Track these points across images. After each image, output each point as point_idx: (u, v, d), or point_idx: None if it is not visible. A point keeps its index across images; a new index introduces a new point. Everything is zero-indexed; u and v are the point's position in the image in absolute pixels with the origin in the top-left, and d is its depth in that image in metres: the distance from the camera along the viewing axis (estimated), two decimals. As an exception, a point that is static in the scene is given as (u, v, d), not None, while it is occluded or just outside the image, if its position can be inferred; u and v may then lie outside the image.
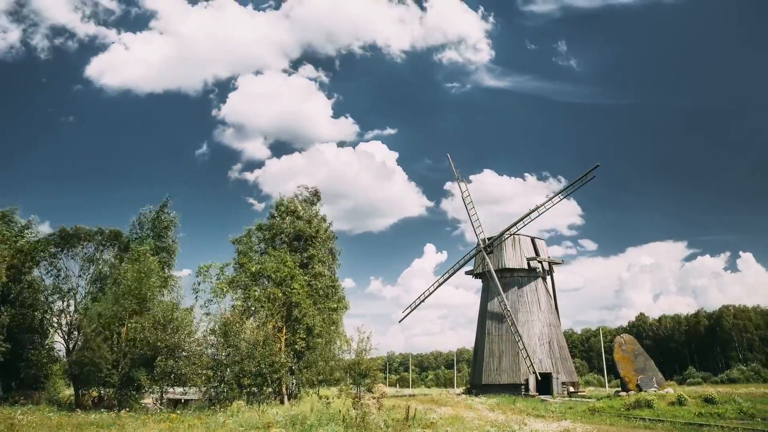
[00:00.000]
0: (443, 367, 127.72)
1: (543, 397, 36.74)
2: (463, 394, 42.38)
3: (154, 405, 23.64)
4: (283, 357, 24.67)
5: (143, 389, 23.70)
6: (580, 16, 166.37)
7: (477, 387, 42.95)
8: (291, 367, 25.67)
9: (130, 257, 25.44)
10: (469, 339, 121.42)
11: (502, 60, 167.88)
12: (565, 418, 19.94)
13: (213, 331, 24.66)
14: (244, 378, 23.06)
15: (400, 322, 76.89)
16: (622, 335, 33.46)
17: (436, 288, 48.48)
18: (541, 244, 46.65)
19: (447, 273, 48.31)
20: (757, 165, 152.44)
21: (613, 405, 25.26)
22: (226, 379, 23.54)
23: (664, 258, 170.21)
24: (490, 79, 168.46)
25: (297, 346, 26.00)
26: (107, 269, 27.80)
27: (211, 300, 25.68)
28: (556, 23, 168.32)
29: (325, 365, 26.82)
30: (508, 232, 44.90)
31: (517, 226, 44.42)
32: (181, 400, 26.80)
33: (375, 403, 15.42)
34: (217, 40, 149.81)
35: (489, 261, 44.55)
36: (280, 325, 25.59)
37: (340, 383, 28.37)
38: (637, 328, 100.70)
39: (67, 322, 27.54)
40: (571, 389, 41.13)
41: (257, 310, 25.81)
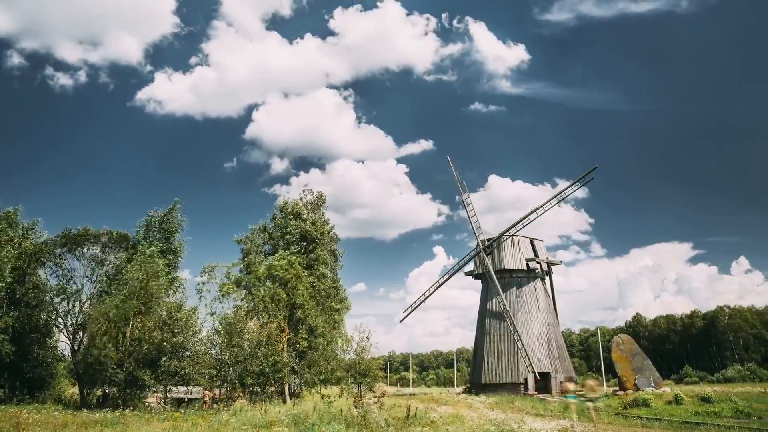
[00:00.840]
0: (443, 367, 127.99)
1: (542, 396, 37.00)
2: (463, 393, 42.68)
3: (158, 404, 23.84)
4: (285, 357, 24.92)
5: (147, 388, 23.89)
6: (595, 25, 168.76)
7: (477, 386, 43.23)
8: (293, 366, 25.93)
9: (137, 258, 25.71)
10: (469, 339, 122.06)
11: (520, 68, 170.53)
12: (564, 417, 20.11)
13: (217, 331, 24.89)
14: (247, 377, 23.33)
15: (400, 322, 77.32)
16: (619, 335, 33.73)
17: (436, 288, 48.83)
18: (539, 245, 46.92)
19: (447, 274, 48.71)
20: (764, 167, 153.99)
21: (611, 404, 25.52)
22: (230, 378, 23.80)
23: (668, 259, 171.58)
24: (509, 86, 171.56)
25: (299, 346, 26.27)
26: (113, 270, 28.01)
27: (216, 300, 25.96)
28: (571, 32, 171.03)
29: (327, 365, 27.08)
30: (507, 234, 45.20)
31: (516, 228, 44.72)
32: (185, 399, 27.00)
33: (376, 402, 15.66)
34: (258, 70, 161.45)
35: (488, 262, 44.83)
36: (283, 325, 25.84)
37: (341, 382, 28.70)
38: (634, 328, 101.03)
39: (72, 323, 27.76)
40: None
41: (261, 310, 26.09)
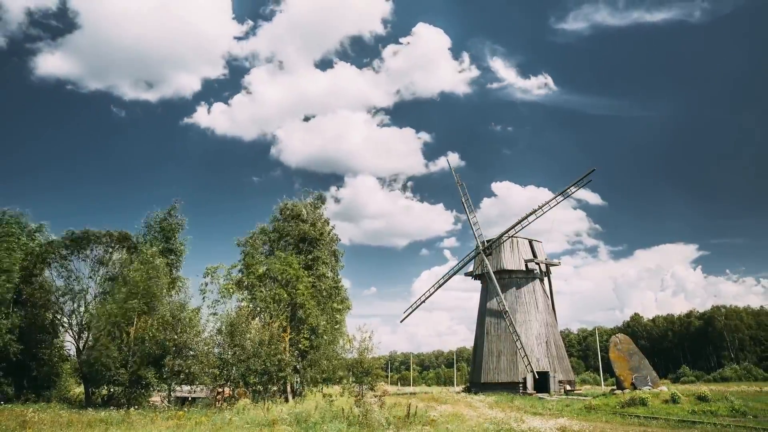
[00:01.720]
0: (443, 366, 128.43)
1: (540, 395, 37.29)
2: (462, 392, 42.96)
3: (162, 403, 24.08)
4: (287, 356, 25.18)
5: (152, 387, 24.16)
6: (610, 33, 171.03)
7: (476, 385, 43.54)
8: (295, 366, 26.17)
9: (137, 258, 25.97)
10: (469, 339, 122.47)
11: (533, 75, 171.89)
12: (562, 416, 20.32)
13: (219, 330, 25.15)
14: (250, 376, 23.59)
15: (401, 321, 77.45)
16: (617, 335, 33.95)
17: (436, 289, 49.16)
18: (538, 246, 47.23)
19: (447, 275, 48.99)
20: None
21: (609, 403, 25.69)
22: (233, 377, 24.07)
23: (672, 261, 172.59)
24: (520, 93, 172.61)
25: (301, 346, 26.53)
26: (116, 270, 28.29)
27: (218, 300, 26.22)
28: (586, 41, 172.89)
29: (329, 364, 27.33)
30: (506, 235, 45.49)
31: (515, 229, 45.01)
32: (189, 398, 27.23)
33: (377, 401, 15.95)
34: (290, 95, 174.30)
35: (488, 263, 45.13)
36: (284, 325, 26.10)
37: (343, 382, 28.97)
38: (632, 328, 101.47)
39: (77, 322, 28.03)
40: (568, 387, 41.73)
41: (263, 310, 26.35)
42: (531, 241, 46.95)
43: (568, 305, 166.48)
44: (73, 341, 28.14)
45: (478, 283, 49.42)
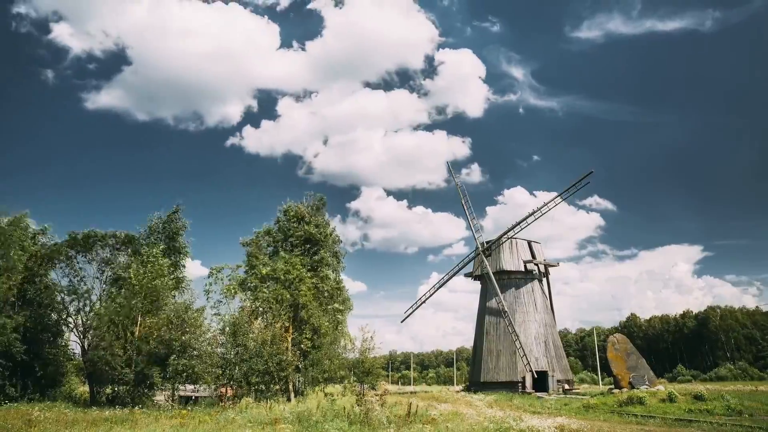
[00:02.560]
0: (444, 366, 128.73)
1: (539, 394, 37.53)
2: (462, 391, 43.21)
3: (166, 402, 24.29)
4: (289, 356, 25.40)
5: (156, 387, 24.38)
6: (623, 41, 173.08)
7: (476, 384, 43.79)
8: (297, 365, 26.39)
9: (140, 259, 26.22)
10: (469, 338, 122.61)
11: (548, 82, 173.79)
12: (561, 415, 20.52)
13: (222, 330, 25.36)
14: (252, 376, 23.80)
15: (402, 321, 77.65)
16: (615, 335, 34.24)
17: (436, 290, 49.49)
18: (537, 247, 47.49)
19: (447, 275, 49.26)
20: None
21: (607, 402, 25.93)
22: (235, 377, 24.28)
23: (673, 262, 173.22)
24: (535, 99, 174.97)
25: (303, 346, 26.74)
26: (121, 270, 28.58)
27: (221, 301, 26.47)
28: (600, 48, 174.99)
29: (330, 364, 27.55)
30: (505, 236, 45.77)
31: (514, 230, 45.28)
32: (192, 398, 27.45)
33: (378, 400, 16.08)
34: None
35: (487, 263, 45.41)
36: (287, 325, 26.33)
37: (344, 381, 29.22)
38: (629, 328, 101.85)
39: (82, 322, 28.28)
40: (566, 387, 42.00)
41: (265, 310, 26.58)
42: (530, 243, 47.23)
43: (570, 307, 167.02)
44: (79, 341, 28.40)
45: (478, 284, 49.73)
